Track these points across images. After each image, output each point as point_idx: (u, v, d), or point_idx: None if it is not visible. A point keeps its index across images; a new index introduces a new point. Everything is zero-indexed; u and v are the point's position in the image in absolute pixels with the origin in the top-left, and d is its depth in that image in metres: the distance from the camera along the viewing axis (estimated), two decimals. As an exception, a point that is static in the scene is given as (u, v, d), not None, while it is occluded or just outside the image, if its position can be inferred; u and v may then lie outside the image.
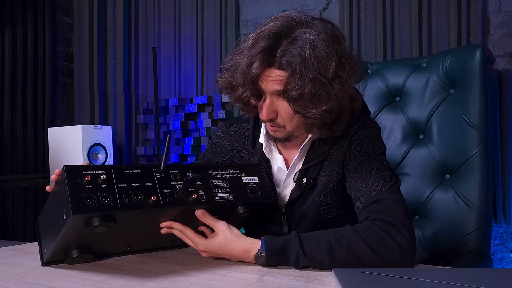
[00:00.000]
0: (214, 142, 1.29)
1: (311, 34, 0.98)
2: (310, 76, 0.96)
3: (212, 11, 3.02)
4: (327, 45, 0.98)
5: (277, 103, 1.05)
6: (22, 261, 1.02)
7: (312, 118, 1.03)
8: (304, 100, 0.99)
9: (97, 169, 0.91)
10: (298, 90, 0.97)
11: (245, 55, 1.02)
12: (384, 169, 1.05)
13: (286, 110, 1.04)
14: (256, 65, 0.99)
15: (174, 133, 3.12)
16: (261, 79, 1.02)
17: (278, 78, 1.00)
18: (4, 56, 2.96)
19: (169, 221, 1.00)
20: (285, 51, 0.98)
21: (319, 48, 0.97)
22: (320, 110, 1.01)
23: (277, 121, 1.07)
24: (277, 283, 0.85)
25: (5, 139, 2.97)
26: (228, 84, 1.10)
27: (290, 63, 0.97)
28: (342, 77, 1.00)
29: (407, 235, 0.93)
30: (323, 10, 2.67)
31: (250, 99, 1.06)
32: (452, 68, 1.55)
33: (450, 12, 2.24)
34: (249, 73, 1.00)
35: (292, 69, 0.97)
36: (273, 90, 1.02)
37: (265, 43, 0.99)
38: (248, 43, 1.03)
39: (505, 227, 2.14)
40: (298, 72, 0.96)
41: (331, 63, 0.98)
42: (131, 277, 0.89)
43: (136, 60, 3.35)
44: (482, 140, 1.47)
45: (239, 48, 1.07)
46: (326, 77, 0.98)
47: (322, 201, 1.13)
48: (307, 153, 1.16)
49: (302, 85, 0.97)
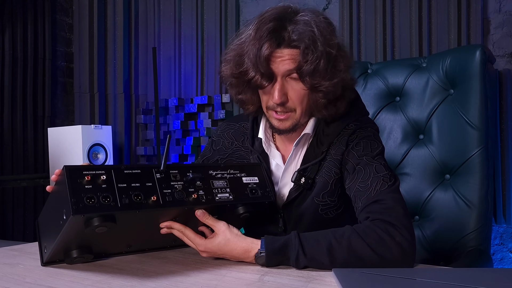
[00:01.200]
0: (214, 140, 1.30)
1: (311, 16, 1.05)
2: (322, 50, 1.02)
3: (212, 11, 3.02)
4: (328, 25, 1.06)
5: (287, 85, 1.07)
6: (22, 261, 1.02)
7: (323, 92, 1.06)
8: (319, 74, 1.03)
9: (97, 169, 0.91)
10: (313, 64, 1.02)
11: (252, 40, 1.05)
12: (382, 169, 1.05)
13: (298, 91, 1.07)
14: (267, 45, 1.03)
15: (174, 133, 3.12)
16: (272, 60, 1.05)
17: (290, 56, 1.03)
18: (4, 56, 2.96)
19: (169, 221, 1.00)
20: (295, 30, 1.03)
21: (323, 26, 1.04)
22: (332, 83, 1.05)
23: (288, 105, 1.09)
24: (277, 283, 0.85)
25: (5, 139, 2.97)
26: (236, 72, 1.10)
27: (302, 39, 1.02)
28: (343, 55, 1.07)
29: (407, 235, 0.93)
30: (323, 10, 2.67)
31: (262, 81, 1.07)
32: (452, 68, 1.55)
33: (450, 12, 2.24)
34: (261, 54, 1.03)
35: (306, 45, 1.02)
36: (285, 70, 1.05)
37: (271, 24, 1.04)
38: (251, 31, 1.07)
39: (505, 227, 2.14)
40: (312, 47, 1.01)
41: (334, 40, 1.05)
42: (131, 277, 0.89)
43: (136, 60, 3.35)
44: (482, 140, 1.47)
45: (241, 38, 1.10)
46: (333, 52, 1.04)
47: (320, 201, 1.13)
48: (305, 153, 1.16)
49: (316, 58, 1.02)
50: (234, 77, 1.12)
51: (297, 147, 1.17)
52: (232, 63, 1.11)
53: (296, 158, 1.18)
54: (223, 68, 1.14)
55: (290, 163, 1.18)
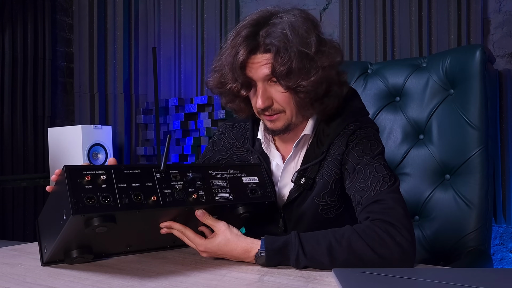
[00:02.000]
0: (215, 141, 1.30)
1: (288, 17, 1.05)
2: (295, 51, 1.02)
3: (212, 11, 3.02)
4: (305, 24, 1.05)
5: (270, 89, 1.08)
6: (22, 261, 1.02)
7: (304, 92, 1.06)
8: (293, 74, 1.03)
9: (97, 169, 0.91)
10: (286, 65, 1.02)
11: (229, 48, 1.07)
12: (382, 169, 1.05)
13: (280, 93, 1.07)
14: (241, 52, 1.04)
15: (174, 133, 3.12)
16: (249, 67, 1.06)
17: (265, 61, 1.04)
18: (4, 56, 2.96)
19: (169, 221, 1.00)
20: (267, 34, 1.03)
21: (298, 26, 1.04)
22: (310, 82, 1.04)
23: (274, 108, 1.09)
24: (277, 283, 0.85)
25: (5, 139, 2.97)
26: (217, 83, 1.13)
27: (273, 43, 1.02)
28: (324, 51, 1.06)
29: (407, 235, 0.93)
30: (323, 10, 2.67)
31: (241, 89, 1.09)
32: (452, 68, 1.55)
33: (450, 12, 2.24)
34: (236, 61, 1.05)
35: (277, 48, 1.02)
36: (263, 75, 1.06)
37: (246, 32, 1.05)
38: (230, 39, 1.08)
39: (505, 227, 2.14)
40: (283, 49, 1.02)
41: (311, 38, 1.04)
42: (131, 277, 0.89)
43: (136, 60, 3.35)
44: (482, 140, 1.47)
45: (223, 48, 1.12)
46: (309, 50, 1.03)
47: (320, 201, 1.13)
48: (306, 153, 1.16)
49: (288, 60, 1.01)
50: (217, 87, 1.14)
51: (297, 148, 1.17)
52: (216, 73, 1.13)
53: (296, 159, 1.18)
54: (209, 79, 1.16)
55: (289, 163, 1.18)
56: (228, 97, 1.15)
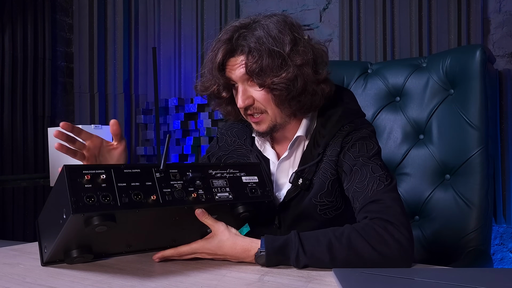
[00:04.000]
0: (218, 137, 1.35)
1: (264, 21, 1.10)
2: (266, 50, 1.06)
3: (212, 11, 3.02)
4: (279, 26, 1.09)
5: (250, 89, 1.12)
6: (22, 261, 1.02)
7: (278, 90, 1.08)
8: (264, 72, 1.06)
9: (97, 168, 0.91)
10: (257, 63, 1.06)
11: (210, 53, 1.13)
12: (379, 169, 1.06)
13: (259, 93, 1.11)
14: (219, 55, 1.10)
15: (174, 133, 3.13)
16: (228, 69, 1.12)
17: (241, 62, 1.09)
18: (4, 56, 2.96)
19: (160, 253, 1.00)
20: (241, 36, 1.09)
21: (272, 28, 1.08)
22: (281, 78, 1.07)
23: (256, 106, 1.13)
24: (277, 283, 0.85)
25: (5, 139, 2.97)
26: (202, 87, 1.18)
27: (246, 44, 1.07)
28: (298, 50, 1.08)
29: (405, 232, 0.94)
30: (323, 10, 2.67)
31: (222, 91, 1.15)
32: (452, 68, 1.55)
33: (450, 12, 2.24)
34: (215, 63, 1.11)
35: (249, 48, 1.07)
36: (240, 75, 1.10)
37: (225, 36, 1.11)
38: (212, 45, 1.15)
39: (505, 227, 2.14)
40: (254, 49, 1.06)
41: (285, 38, 1.08)
42: (131, 277, 0.89)
43: (136, 60, 3.35)
44: (482, 140, 1.47)
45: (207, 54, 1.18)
46: (282, 50, 1.07)
47: (318, 201, 1.14)
48: (303, 154, 1.17)
49: (259, 58, 1.06)
50: (202, 91, 1.19)
51: (292, 149, 1.19)
52: (202, 77, 1.19)
53: (291, 159, 1.19)
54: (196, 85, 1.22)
55: (284, 162, 1.19)
56: (214, 101, 1.21)
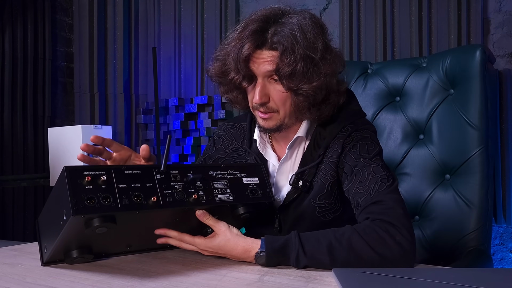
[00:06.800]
0: (215, 139, 1.32)
1: (298, 19, 1.06)
2: (301, 53, 1.02)
3: (212, 11, 3.02)
4: (314, 28, 1.06)
5: (269, 86, 1.09)
6: (22, 261, 1.02)
7: (303, 96, 1.07)
8: (297, 77, 1.03)
9: (97, 169, 0.91)
10: (291, 67, 1.02)
11: (235, 40, 1.07)
12: (380, 170, 1.06)
13: (279, 93, 1.08)
14: (247, 46, 1.05)
15: (174, 133, 3.12)
16: (252, 61, 1.07)
17: (270, 58, 1.05)
18: (4, 56, 2.96)
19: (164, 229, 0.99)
20: (276, 32, 1.04)
21: (307, 29, 1.05)
22: (311, 86, 1.05)
23: (269, 105, 1.10)
24: (277, 283, 0.85)
25: (5, 139, 2.97)
26: (219, 72, 1.13)
27: (281, 42, 1.03)
28: (329, 58, 1.07)
29: (406, 234, 0.94)
30: (323, 10, 2.67)
31: (242, 81, 1.09)
32: (452, 68, 1.55)
33: (450, 12, 2.24)
34: (241, 54, 1.05)
35: (284, 47, 1.03)
36: (265, 71, 1.06)
37: (255, 26, 1.05)
38: (237, 31, 1.09)
39: (505, 227, 2.14)
40: (290, 50, 1.02)
41: (318, 43, 1.05)
42: (131, 277, 0.89)
43: (136, 60, 3.35)
44: (482, 140, 1.47)
45: (229, 38, 1.12)
46: (315, 55, 1.04)
47: (317, 203, 1.13)
48: (303, 156, 1.16)
49: (294, 61, 1.02)
50: (218, 76, 1.15)
51: (292, 149, 1.18)
52: (218, 62, 1.14)
53: (291, 160, 1.18)
54: (210, 67, 1.17)
55: (284, 164, 1.18)
56: (228, 87, 1.16)
